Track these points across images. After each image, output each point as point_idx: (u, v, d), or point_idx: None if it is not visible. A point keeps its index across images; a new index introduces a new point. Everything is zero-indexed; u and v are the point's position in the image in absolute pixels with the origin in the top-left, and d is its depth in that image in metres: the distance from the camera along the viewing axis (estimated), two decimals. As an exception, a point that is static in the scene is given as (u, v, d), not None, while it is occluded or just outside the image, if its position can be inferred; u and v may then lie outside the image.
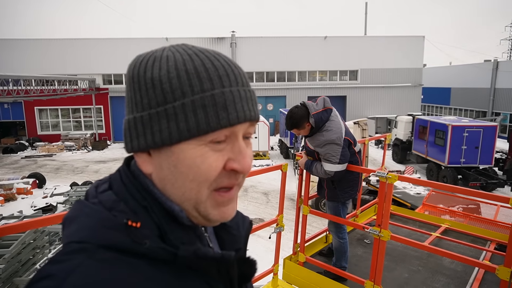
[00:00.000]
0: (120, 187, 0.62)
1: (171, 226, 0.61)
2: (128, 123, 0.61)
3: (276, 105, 26.28)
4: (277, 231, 3.01)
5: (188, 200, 0.61)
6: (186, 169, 0.59)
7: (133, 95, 0.60)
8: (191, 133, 0.57)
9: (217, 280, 0.62)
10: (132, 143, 0.61)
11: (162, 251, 0.57)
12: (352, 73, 26.54)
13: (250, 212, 12.12)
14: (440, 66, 34.92)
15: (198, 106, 0.57)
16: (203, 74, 0.58)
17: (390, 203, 2.63)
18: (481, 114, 27.40)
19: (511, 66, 25.87)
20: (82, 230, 0.57)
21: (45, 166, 18.97)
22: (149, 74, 0.58)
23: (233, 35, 24.99)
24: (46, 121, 25.18)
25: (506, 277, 2.17)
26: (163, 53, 0.60)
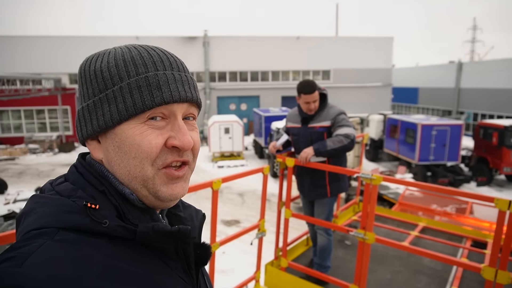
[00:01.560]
0: (76, 177, 0.65)
1: (129, 208, 0.64)
2: (78, 114, 0.67)
3: (250, 105, 26.19)
4: (259, 236, 2.89)
5: (135, 178, 0.64)
6: (128, 147, 0.63)
7: (82, 88, 0.67)
8: (129, 112, 0.62)
9: (175, 260, 0.66)
10: (82, 131, 0.66)
11: (122, 229, 0.60)
12: (324, 73, 26.89)
13: (225, 213, 11.94)
14: (409, 67, 36.07)
15: (134, 87, 0.62)
16: (139, 61, 0.64)
17: (374, 205, 2.58)
18: (447, 113, 28.53)
19: (473, 67, 27.09)
20: (41, 218, 0.58)
21: (6, 170, 17.91)
22: (92, 67, 0.65)
23: (205, 34, 24.66)
24: (8, 123, 23.81)
25: (491, 277, 2.16)
26: (108, 50, 0.67)
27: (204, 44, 24.66)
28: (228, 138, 18.54)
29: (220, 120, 18.65)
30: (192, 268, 0.69)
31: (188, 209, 0.81)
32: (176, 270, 0.66)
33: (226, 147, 18.51)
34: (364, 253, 2.62)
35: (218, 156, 18.75)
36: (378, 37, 26.99)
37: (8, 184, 14.37)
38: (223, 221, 11.13)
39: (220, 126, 18.38)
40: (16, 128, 23.93)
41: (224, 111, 25.90)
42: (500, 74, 23.62)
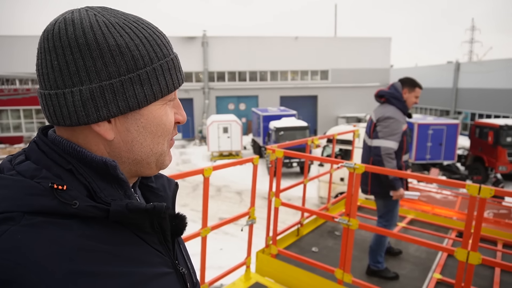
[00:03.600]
0: (39, 156, 0.60)
1: (101, 185, 0.61)
2: (90, 94, 0.58)
3: (249, 104, 26.32)
4: (249, 223, 3.03)
5: (155, 154, 0.67)
6: (155, 127, 0.65)
7: (89, 63, 0.57)
8: (163, 93, 0.64)
9: (151, 234, 0.65)
10: (99, 112, 0.59)
11: (94, 209, 0.57)
12: (323, 73, 27.03)
13: (223, 211, 12.06)
14: (407, 67, 36.21)
15: (165, 69, 0.64)
16: (159, 41, 0.64)
17: (358, 193, 2.72)
18: (445, 113, 28.68)
19: (471, 67, 27.25)
20: (3, 202, 0.53)
21: (7, 169, 18.02)
22: (111, 40, 0.58)
23: (204, 34, 24.80)
24: (7, 122, 23.93)
25: (464, 258, 2.31)
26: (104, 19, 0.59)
27: (203, 44, 24.80)
28: (227, 138, 18.67)
29: (218, 120, 18.76)
30: (169, 240, 0.69)
31: (160, 179, 0.80)
32: (152, 243, 0.66)
33: (225, 146, 18.63)
34: (348, 238, 2.76)
35: (216, 155, 18.87)
36: (376, 37, 27.15)
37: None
38: (221, 219, 11.26)
39: (218, 126, 18.50)
40: (15, 127, 24.05)
41: (223, 110, 26.02)
42: (498, 74, 23.77)
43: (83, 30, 0.57)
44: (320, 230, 4.20)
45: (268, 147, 3.15)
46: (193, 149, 22.46)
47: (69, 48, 0.57)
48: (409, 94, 3.23)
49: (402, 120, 3.18)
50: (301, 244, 3.85)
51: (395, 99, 3.22)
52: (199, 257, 2.62)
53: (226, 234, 10.15)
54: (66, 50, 0.57)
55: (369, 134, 3.37)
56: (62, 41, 0.57)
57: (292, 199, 12.39)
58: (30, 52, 22.97)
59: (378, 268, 3.27)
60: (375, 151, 3.15)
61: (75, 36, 0.57)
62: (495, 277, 3.14)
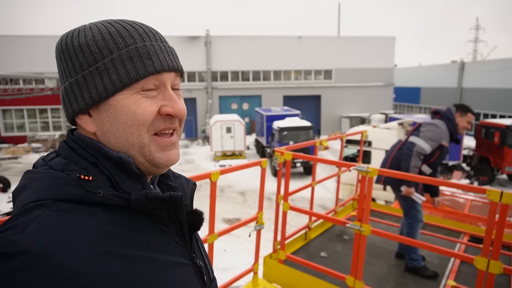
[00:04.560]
0: (68, 152, 0.67)
1: (122, 177, 0.66)
2: (65, 90, 0.67)
3: (252, 104, 26.24)
4: (257, 229, 2.94)
5: (132, 146, 0.67)
6: (124, 116, 0.65)
7: (65, 65, 0.67)
8: (123, 82, 0.64)
9: (169, 226, 0.70)
10: (72, 107, 0.67)
11: (116, 198, 0.63)
12: (326, 72, 26.90)
13: (227, 212, 11.99)
14: (411, 67, 36.02)
15: (126, 58, 0.65)
16: (125, 33, 0.66)
17: (370, 197, 2.62)
18: (449, 113, 28.47)
19: (475, 66, 27.04)
20: (37, 191, 0.60)
21: (10, 169, 18.04)
22: (76, 42, 0.66)
23: (207, 34, 24.73)
24: (11, 122, 23.96)
25: (484, 267, 2.20)
26: (86, 26, 0.68)
27: (206, 44, 24.74)
28: (230, 138, 18.59)
29: (222, 120, 18.70)
30: (186, 233, 0.73)
31: (179, 178, 0.84)
32: (170, 234, 0.69)
33: (228, 146, 18.56)
34: (360, 244, 2.66)
35: (219, 155, 18.80)
36: (380, 37, 26.98)
37: (11, 182, 14.48)
38: (225, 219, 11.17)
39: (222, 126, 18.43)
40: (19, 127, 24.10)
41: (226, 110, 25.95)
42: (503, 74, 23.56)
43: (62, 39, 0.68)
44: (328, 234, 4.10)
45: (276, 149, 3.06)
46: (196, 149, 22.41)
47: (57, 56, 0.69)
48: (460, 118, 3.40)
49: (446, 135, 3.35)
50: (309, 248, 3.75)
51: (448, 119, 3.40)
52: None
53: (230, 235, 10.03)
54: (56, 59, 0.69)
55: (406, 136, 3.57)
56: (55, 52, 0.70)
57: (295, 199, 12.30)
58: (33, 52, 23.01)
59: (414, 266, 3.29)
60: (409, 145, 3.30)
61: (58, 45, 0.69)
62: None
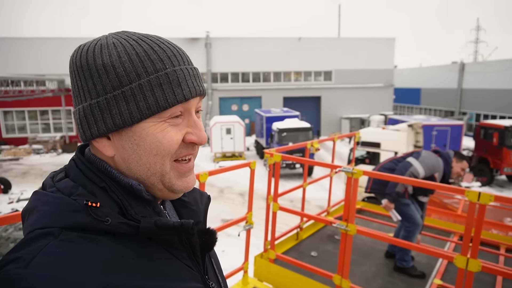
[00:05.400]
0: (76, 174, 0.64)
1: (131, 203, 0.63)
2: (84, 112, 0.63)
3: (252, 105, 26.30)
4: (247, 228, 3.01)
5: (154, 174, 0.65)
6: (149, 145, 0.62)
7: (84, 83, 0.62)
8: (152, 110, 0.61)
9: (180, 249, 0.67)
10: (91, 130, 0.63)
11: (125, 226, 0.60)
12: (326, 73, 26.95)
13: (226, 213, 12.04)
14: (411, 68, 36.02)
15: (155, 85, 0.61)
16: (153, 55, 0.62)
17: (356, 197, 2.69)
18: (449, 114, 28.48)
19: (476, 67, 27.04)
20: (44, 217, 0.58)
21: (11, 170, 18.15)
22: (99, 60, 0.60)
23: (207, 35, 24.83)
24: (12, 124, 24.10)
25: (463, 265, 2.26)
26: (108, 41, 0.63)
27: (206, 45, 24.83)
28: (230, 139, 18.64)
29: (221, 121, 18.75)
30: (198, 255, 0.70)
31: (193, 193, 0.81)
32: (182, 258, 0.67)
33: (228, 147, 18.61)
34: (346, 244, 2.72)
35: (219, 156, 18.86)
36: (380, 38, 27.03)
37: (12, 184, 14.58)
38: (224, 221, 11.23)
39: (221, 127, 18.48)
40: (20, 128, 24.24)
41: (226, 111, 26.03)
42: (503, 75, 23.55)
43: (81, 53, 0.62)
44: (320, 234, 4.16)
45: (266, 151, 3.13)
46: (196, 150, 22.45)
47: (74, 71, 0.63)
48: (456, 164, 3.58)
49: (441, 171, 3.53)
50: (300, 248, 3.82)
51: (446, 161, 3.58)
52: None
53: (228, 236, 10.13)
54: (73, 73, 0.64)
55: None
56: (71, 66, 0.64)
57: (294, 200, 12.34)
58: (34, 54, 23.17)
59: (403, 266, 3.37)
60: (406, 164, 3.44)
61: (76, 60, 0.63)
62: (497, 284, 3.08)
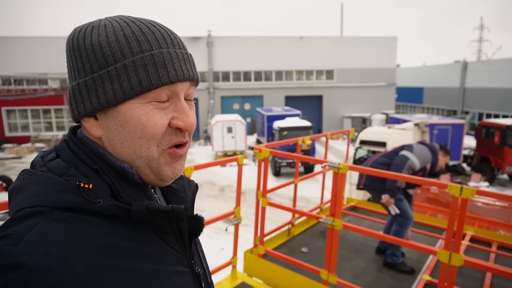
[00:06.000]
0: (68, 154, 0.64)
1: (123, 186, 0.64)
2: (72, 90, 0.64)
3: (254, 104, 26.31)
4: (235, 223, 3.02)
5: (140, 158, 0.64)
6: (133, 127, 0.62)
7: (74, 63, 0.63)
8: (134, 91, 0.60)
9: (169, 234, 0.67)
10: (78, 109, 0.63)
11: (116, 208, 0.60)
12: (328, 72, 26.90)
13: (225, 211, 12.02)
14: (413, 67, 35.87)
15: (139, 65, 0.60)
16: (141, 37, 0.61)
17: (342, 193, 2.69)
18: (452, 113, 28.34)
19: (478, 66, 26.88)
20: (34, 196, 0.57)
21: (13, 168, 18.28)
22: (88, 40, 0.61)
23: (209, 34, 24.85)
24: (15, 122, 24.27)
25: (446, 260, 2.27)
26: (100, 22, 0.64)
27: (207, 44, 24.86)
28: (231, 138, 18.67)
29: (223, 120, 18.77)
30: (186, 240, 0.71)
31: (181, 180, 0.81)
32: (170, 242, 0.68)
33: (229, 146, 18.64)
34: (333, 239, 2.73)
35: (221, 155, 18.89)
36: (382, 37, 26.93)
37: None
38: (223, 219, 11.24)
39: (223, 126, 18.51)
40: (23, 127, 24.40)
41: (228, 110, 26.05)
42: (506, 74, 23.40)
43: (73, 34, 0.64)
44: (312, 231, 4.17)
45: (255, 146, 3.14)
46: (198, 149, 22.51)
47: (67, 51, 0.65)
48: (442, 158, 3.69)
49: (430, 161, 3.62)
50: (291, 244, 3.83)
51: (433, 153, 3.66)
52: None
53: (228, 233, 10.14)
54: (67, 53, 0.65)
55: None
56: (66, 46, 0.66)
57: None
58: (36, 53, 23.30)
59: (393, 261, 3.37)
60: (403, 158, 3.48)
61: (68, 40, 0.65)
62: (486, 280, 3.08)
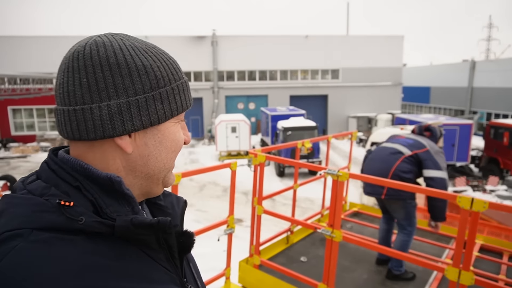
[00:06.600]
0: (49, 174, 0.63)
1: (107, 201, 0.62)
2: (118, 108, 0.62)
3: (258, 104, 26.15)
4: (228, 232, 2.86)
5: (167, 169, 0.71)
6: (170, 143, 0.69)
7: (119, 80, 0.62)
8: (178, 111, 0.69)
9: (157, 250, 0.65)
10: (125, 126, 0.63)
11: (99, 225, 0.58)
12: (333, 72, 26.63)
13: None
14: (420, 66, 35.44)
15: (181, 90, 0.70)
16: (174, 65, 0.70)
17: (341, 202, 2.52)
18: (460, 113, 27.92)
19: (487, 65, 26.43)
20: (13, 219, 0.56)
21: (18, 167, 18.32)
22: (138, 61, 0.64)
23: (214, 33, 24.73)
24: (20, 121, 24.36)
25: (455, 278, 2.08)
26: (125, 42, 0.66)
27: (212, 44, 24.75)
28: (235, 137, 18.54)
29: (227, 119, 18.66)
30: (176, 257, 0.70)
31: (169, 197, 0.82)
32: (159, 260, 0.66)
33: (233, 146, 18.51)
34: (332, 251, 2.55)
35: (225, 155, 18.78)
36: (388, 36, 26.60)
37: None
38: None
39: (227, 125, 18.40)
40: (28, 126, 24.49)
41: (233, 110, 25.93)
42: (515, 73, 22.98)
43: (113, 51, 0.63)
44: (312, 238, 3.99)
45: (250, 151, 2.98)
46: (202, 148, 22.44)
47: (99, 66, 0.62)
48: (439, 143, 3.55)
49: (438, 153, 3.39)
50: (290, 252, 3.65)
51: (435, 139, 3.50)
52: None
53: (229, 235, 10.01)
54: (96, 68, 0.62)
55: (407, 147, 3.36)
56: (93, 60, 0.62)
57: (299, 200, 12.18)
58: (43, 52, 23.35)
59: (400, 272, 3.23)
60: (443, 183, 3.20)
61: (106, 56, 0.62)
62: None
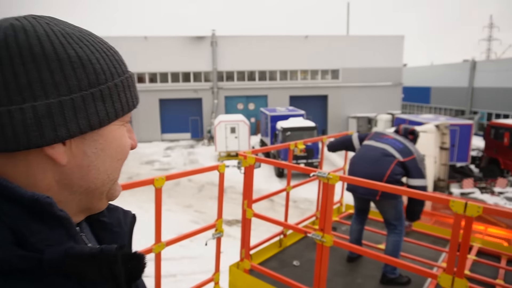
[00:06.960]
0: None
1: (33, 227, 0.50)
2: (48, 109, 0.49)
3: (258, 104, 26.10)
4: (216, 236, 2.78)
5: (110, 181, 0.59)
6: (115, 150, 0.58)
7: (46, 75, 0.49)
8: (124, 111, 0.58)
9: (99, 283, 0.54)
10: (58, 132, 0.50)
11: (20, 260, 0.47)
12: (333, 72, 26.56)
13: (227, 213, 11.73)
14: (421, 66, 35.34)
15: (126, 86, 0.58)
16: (116, 57, 0.58)
17: (332, 205, 2.43)
18: (460, 113, 27.81)
19: (487, 65, 26.32)
20: None
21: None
22: (71, 52, 0.51)
23: (213, 33, 24.68)
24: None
25: (448, 285, 1.99)
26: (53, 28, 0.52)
27: (212, 44, 24.69)
28: (234, 138, 18.49)
29: (226, 120, 18.62)
30: (123, 287, 0.58)
31: (115, 212, 0.70)
32: None
33: (232, 146, 18.46)
34: (322, 256, 2.47)
35: (224, 155, 18.72)
36: (389, 36, 26.51)
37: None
38: (225, 221, 11.00)
39: (226, 126, 18.35)
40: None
41: (232, 110, 25.87)
42: (515, 73, 22.89)
43: (38, 38, 0.49)
44: (306, 242, 3.90)
45: (240, 153, 2.90)
46: (202, 149, 22.39)
47: (19, 57, 0.48)
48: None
49: None
50: (282, 256, 3.57)
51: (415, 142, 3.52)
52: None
53: (228, 236, 9.94)
54: (15, 60, 0.48)
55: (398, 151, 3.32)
56: (10, 49, 0.48)
57: (298, 201, 12.10)
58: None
59: (395, 276, 3.16)
60: (424, 190, 3.19)
61: (29, 44, 0.48)
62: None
